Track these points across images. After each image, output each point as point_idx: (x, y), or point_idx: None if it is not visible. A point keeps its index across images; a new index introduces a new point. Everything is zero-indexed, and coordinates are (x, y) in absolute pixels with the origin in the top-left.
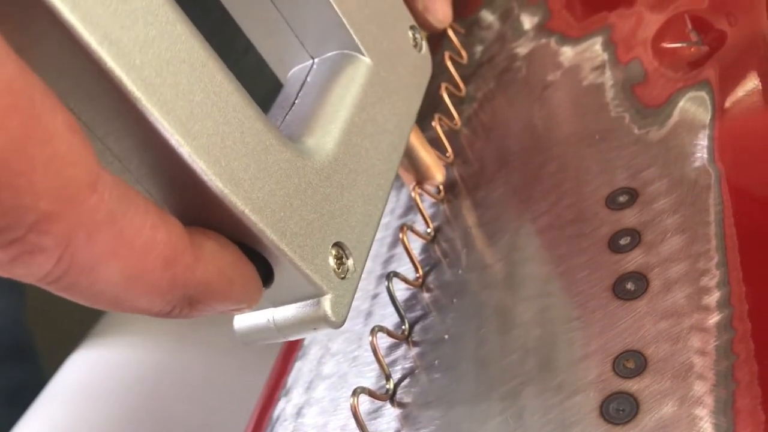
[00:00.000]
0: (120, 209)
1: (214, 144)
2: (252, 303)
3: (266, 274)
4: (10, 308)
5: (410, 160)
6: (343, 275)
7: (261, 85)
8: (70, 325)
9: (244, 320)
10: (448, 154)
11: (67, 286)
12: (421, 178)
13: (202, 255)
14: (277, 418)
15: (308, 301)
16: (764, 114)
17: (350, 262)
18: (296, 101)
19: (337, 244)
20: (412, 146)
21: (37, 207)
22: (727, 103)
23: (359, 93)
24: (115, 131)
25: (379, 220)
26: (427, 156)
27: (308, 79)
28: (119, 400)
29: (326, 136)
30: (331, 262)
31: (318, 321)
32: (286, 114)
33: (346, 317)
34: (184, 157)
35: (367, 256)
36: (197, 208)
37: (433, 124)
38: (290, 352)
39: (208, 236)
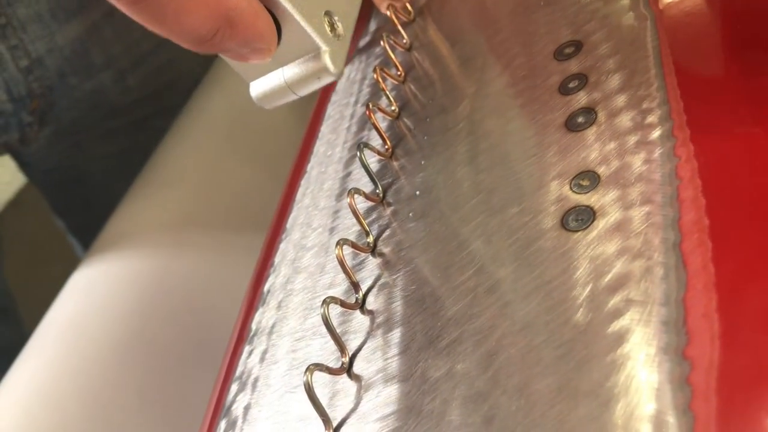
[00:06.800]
0: None
1: None
2: (271, 43)
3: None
4: None
5: None
6: (336, 37)
7: None
8: (50, 288)
9: (260, 85)
10: (405, 41)
11: None
12: None
13: None
14: (268, 291)
15: (310, 56)
16: None
17: (340, 28)
18: None
19: (328, 13)
20: None
21: None
22: None
23: None
24: None
25: (360, 2)
26: None
27: None
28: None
29: None
30: (326, 25)
31: (321, 71)
32: None
33: (343, 70)
34: None
35: (353, 27)
36: None
37: (388, 13)
38: (274, 236)
39: None
